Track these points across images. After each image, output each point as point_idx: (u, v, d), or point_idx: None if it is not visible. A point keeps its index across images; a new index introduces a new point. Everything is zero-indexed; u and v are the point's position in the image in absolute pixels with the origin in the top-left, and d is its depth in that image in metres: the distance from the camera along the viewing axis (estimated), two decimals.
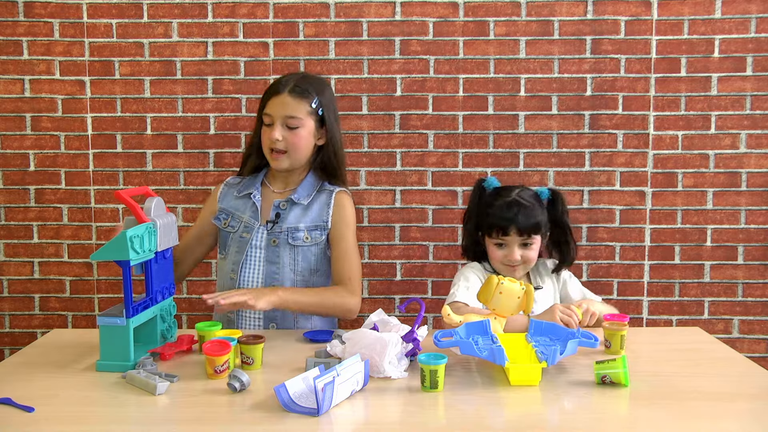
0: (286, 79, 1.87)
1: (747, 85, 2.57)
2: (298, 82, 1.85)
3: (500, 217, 1.85)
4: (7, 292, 2.69)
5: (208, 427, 1.24)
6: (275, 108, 1.84)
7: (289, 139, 1.84)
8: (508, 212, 1.85)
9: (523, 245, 1.86)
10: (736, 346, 2.60)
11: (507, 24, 2.58)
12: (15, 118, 2.62)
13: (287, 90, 1.83)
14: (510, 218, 1.84)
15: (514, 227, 1.84)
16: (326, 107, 1.88)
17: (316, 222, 1.90)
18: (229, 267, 1.92)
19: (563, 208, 1.91)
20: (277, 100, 1.84)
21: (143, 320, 1.55)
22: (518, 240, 1.85)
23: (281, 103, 1.83)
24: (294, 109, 1.83)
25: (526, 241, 1.85)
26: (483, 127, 2.62)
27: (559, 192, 1.93)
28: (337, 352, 1.50)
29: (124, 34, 2.58)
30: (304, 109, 1.84)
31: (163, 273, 1.65)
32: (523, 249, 1.86)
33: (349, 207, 1.94)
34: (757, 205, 2.62)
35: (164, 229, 1.61)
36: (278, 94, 1.84)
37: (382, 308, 1.69)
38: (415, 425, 1.25)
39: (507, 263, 1.87)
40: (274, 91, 1.85)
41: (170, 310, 1.68)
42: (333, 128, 1.91)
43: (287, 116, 1.83)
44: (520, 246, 1.86)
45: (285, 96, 1.83)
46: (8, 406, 1.31)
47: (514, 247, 1.85)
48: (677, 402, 1.33)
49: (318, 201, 1.92)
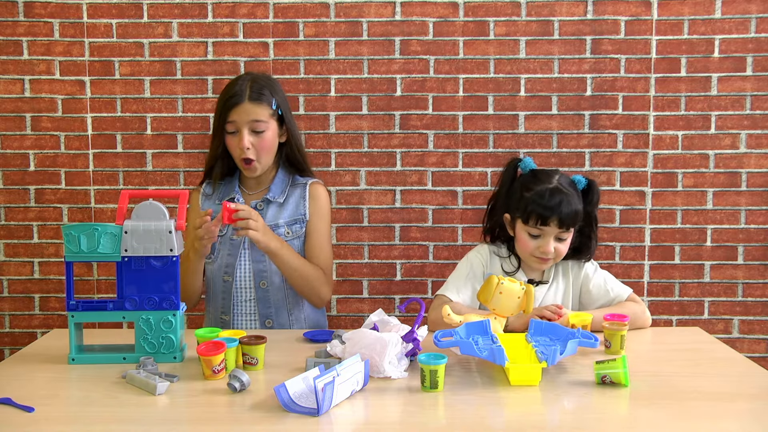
0: (240, 85, 1.87)
1: (747, 85, 2.57)
2: (254, 87, 1.87)
3: (542, 206, 1.72)
4: (7, 292, 2.69)
5: (208, 427, 1.24)
6: (239, 116, 1.85)
7: (257, 145, 1.88)
8: (551, 200, 1.72)
9: (559, 238, 1.76)
10: (736, 346, 2.60)
11: (507, 24, 2.58)
12: (15, 118, 2.62)
13: (246, 98, 1.85)
14: (552, 208, 1.71)
15: (556, 218, 1.72)
16: (282, 105, 1.93)
17: (294, 216, 1.96)
18: (220, 270, 1.96)
19: (596, 199, 1.82)
20: (239, 110, 1.85)
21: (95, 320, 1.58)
22: (556, 232, 1.74)
23: (244, 111, 1.85)
24: (258, 114, 1.86)
25: (563, 234, 1.76)
26: (483, 127, 2.62)
27: (594, 182, 1.83)
28: (337, 352, 1.50)
29: (124, 34, 2.58)
30: (266, 112, 1.88)
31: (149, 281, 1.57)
32: (558, 242, 1.77)
33: (324, 198, 2.00)
34: (757, 205, 2.62)
35: (143, 234, 1.55)
36: (239, 104, 1.85)
37: (382, 308, 1.69)
38: (415, 425, 1.25)
39: (539, 255, 1.77)
40: (235, 102, 1.85)
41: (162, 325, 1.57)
42: (291, 124, 1.97)
43: (252, 121, 1.86)
44: (555, 238, 1.76)
45: (246, 104, 1.85)
46: (8, 406, 1.31)
47: (549, 239, 1.75)
48: (677, 402, 1.33)
49: (293, 195, 1.98)
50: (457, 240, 2.66)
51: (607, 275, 1.90)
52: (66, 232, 1.54)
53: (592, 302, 1.86)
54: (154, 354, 1.56)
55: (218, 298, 1.97)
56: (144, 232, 1.55)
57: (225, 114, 1.86)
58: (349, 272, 2.66)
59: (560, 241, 1.78)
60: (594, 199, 1.83)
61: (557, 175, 1.80)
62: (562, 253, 1.79)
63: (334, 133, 2.63)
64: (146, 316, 1.57)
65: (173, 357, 1.57)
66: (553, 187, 1.75)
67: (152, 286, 1.57)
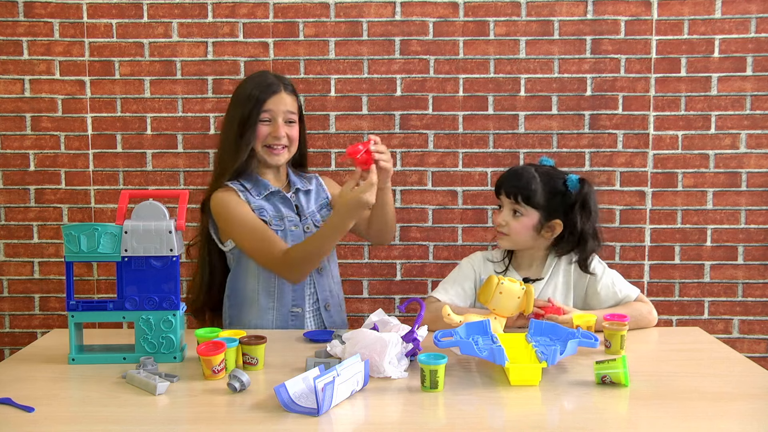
0: (269, 77, 1.93)
1: (747, 85, 2.57)
2: (285, 81, 1.94)
3: (500, 177, 1.91)
4: (7, 292, 2.69)
5: (208, 427, 1.24)
6: (276, 105, 1.89)
7: (289, 135, 1.92)
8: (507, 174, 1.90)
9: (514, 213, 1.85)
10: (736, 346, 2.60)
11: (507, 24, 2.58)
12: (15, 118, 2.62)
13: (282, 88, 1.91)
14: (505, 178, 1.88)
15: (504, 189, 1.87)
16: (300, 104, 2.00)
17: (321, 202, 2.04)
18: None
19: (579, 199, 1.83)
20: (277, 99, 1.90)
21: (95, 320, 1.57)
22: (509, 204, 1.86)
23: (282, 101, 1.90)
24: (292, 105, 1.93)
25: (516, 207, 1.85)
26: (483, 127, 2.62)
27: (586, 182, 1.86)
28: (337, 352, 1.50)
29: (124, 34, 2.58)
30: (296, 105, 1.96)
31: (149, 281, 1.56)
32: (513, 217, 1.85)
33: (335, 184, 2.13)
34: (757, 205, 2.62)
35: (143, 234, 1.55)
36: (278, 93, 1.90)
37: (382, 308, 1.69)
38: (415, 425, 1.25)
39: (496, 227, 1.90)
40: (273, 91, 1.89)
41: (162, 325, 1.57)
42: (304, 123, 2.01)
43: (288, 111, 1.91)
44: (511, 212, 1.86)
45: (283, 94, 1.91)
46: (8, 406, 1.31)
47: (505, 210, 1.87)
48: (677, 402, 1.33)
49: (312, 185, 2.05)
50: (457, 240, 2.66)
51: (615, 276, 1.90)
52: (66, 232, 1.54)
53: (600, 304, 1.86)
54: (154, 354, 1.56)
55: (286, 292, 1.92)
56: (144, 232, 1.55)
57: (261, 103, 1.88)
58: (349, 272, 2.66)
59: (516, 216, 1.86)
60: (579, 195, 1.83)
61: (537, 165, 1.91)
62: (515, 230, 1.86)
63: (334, 133, 2.63)
64: (146, 316, 1.57)
65: (173, 357, 1.57)
66: (518, 166, 1.92)
67: (152, 286, 1.57)
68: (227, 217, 1.88)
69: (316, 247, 1.81)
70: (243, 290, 1.93)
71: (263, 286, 1.92)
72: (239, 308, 1.94)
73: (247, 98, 1.89)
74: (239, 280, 1.94)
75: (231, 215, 1.88)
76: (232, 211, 1.88)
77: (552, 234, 1.86)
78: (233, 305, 1.96)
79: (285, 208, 1.94)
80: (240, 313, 1.94)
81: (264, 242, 1.84)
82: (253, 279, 1.92)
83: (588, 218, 1.85)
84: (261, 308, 1.92)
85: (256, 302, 1.92)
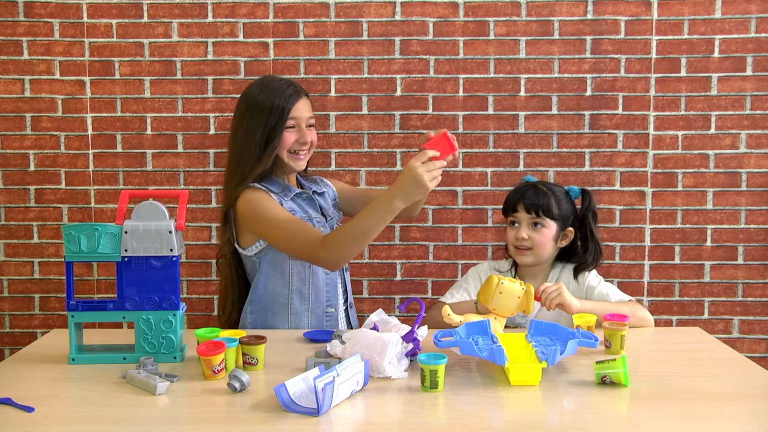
0: (284, 83, 1.90)
1: (747, 85, 2.57)
2: (298, 85, 1.93)
3: (512, 195, 1.95)
4: (7, 292, 2.69)
5: (208, 427, 1.24)
6: (301, 112, 1.89)
7: (312, 139, 1.93)
8: (520, 189, 1.94)
9: (534, 225, 1.89)
10: (736, 346, 2.60)
11: (507, 24, 2.58)
12: (15, 118, 2.62)
13: (303, 94, 1.91)
14: (520, 194, 1.92)
15: (522, 203, 1.90)
16: None
17: (332, 202, 2.07)
18: None
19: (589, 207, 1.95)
20: (302, 105, 1.89)
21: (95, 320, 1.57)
22: (527, 218, 1.90)
23: (306, 107, 1.91)
24: (311, 109, 1.94)
25: (536, 220, 1.89)
26: (483, 127, 2.62)
27: (589, 192, 1.98)
28: (337, 352, 1.50)
29: (124, 34, 2.58)
30: (313, 109, 1.96)
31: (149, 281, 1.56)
32: (533, 230, 1.89)
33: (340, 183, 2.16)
34: (757, 205, 2.62)
35: (143, 234, 1.55)
36: (302, 98, 1.89)
37: (382, 308, 1.69)
38: (415, 425, 1.25)
39: (516, 244, 1.92)
40: (297, 96, 1.88)
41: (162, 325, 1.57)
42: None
43: (310, 117, 1.92)
44: (530, 226, 1.90)
45: (305, 100, 1.92)
46: (8, 406, 1.31)
47: (523, 226, 1.90)
48: (677, 402, 1.33)
49: (323, 187, 2.07)
50: (457, 240, 2.66)
51: (610, 287, 1.95)
52: (66, 232, 1.54)
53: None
54: (154, 354, 1.56)
55: (320, 291, 1.91)
56: (144, 232, 1.55)
57: (287, 112, 1.85)
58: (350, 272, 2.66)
59: (536, 228, 1.90)
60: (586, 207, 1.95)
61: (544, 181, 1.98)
62: (539, 243, 1.90)
63: (334, 133, 2.63)
64: (146, 316, 1.57)
65: (173, 357, 1.57)
66: (527, 183, 1.96)
67: (152, 286, 1.57)
68: (259, 214, 1.83)
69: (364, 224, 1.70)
70: (270, 295, 1.90)
71: (296, 288, 1.90)
72: (263, 314, 1.91)
73: (272, 108, 1.84)
74: (265, 285, 1.90)
75: (264, 211, 1.83)
76: (264, 207, 1.83)
77: (566, 242, 1.95)
78: (256, 311, 1.91)
79: (311, 209, 1.95)
80: (265, 318, 1.91)
81: (302, 230, 1.79)
82: (282, 284, 1.89)
83: (595, 222, 1.96)
84: (295, 312, 1.90)
85: (288, 306, 1.90)
